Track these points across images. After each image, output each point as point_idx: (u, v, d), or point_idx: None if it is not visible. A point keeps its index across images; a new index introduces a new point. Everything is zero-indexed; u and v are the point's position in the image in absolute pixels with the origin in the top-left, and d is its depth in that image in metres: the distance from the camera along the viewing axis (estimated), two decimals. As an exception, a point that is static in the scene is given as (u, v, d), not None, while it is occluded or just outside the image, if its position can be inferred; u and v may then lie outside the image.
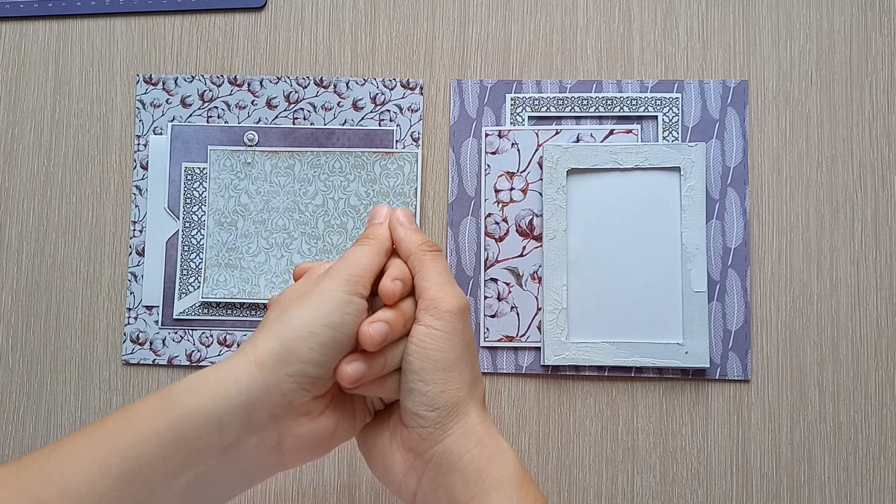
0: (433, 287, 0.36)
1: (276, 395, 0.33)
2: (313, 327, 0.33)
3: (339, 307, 0.34)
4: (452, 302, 0.36)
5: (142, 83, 0.55)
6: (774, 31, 0.54)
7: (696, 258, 0.51)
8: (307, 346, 0.33)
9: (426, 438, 0.35)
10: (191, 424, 0.31)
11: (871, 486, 0.50)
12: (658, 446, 0.51)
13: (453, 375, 0.35)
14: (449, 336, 0.35)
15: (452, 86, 0.54)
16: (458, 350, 0.36)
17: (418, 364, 0.35)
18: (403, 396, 0.36)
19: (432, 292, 0.36)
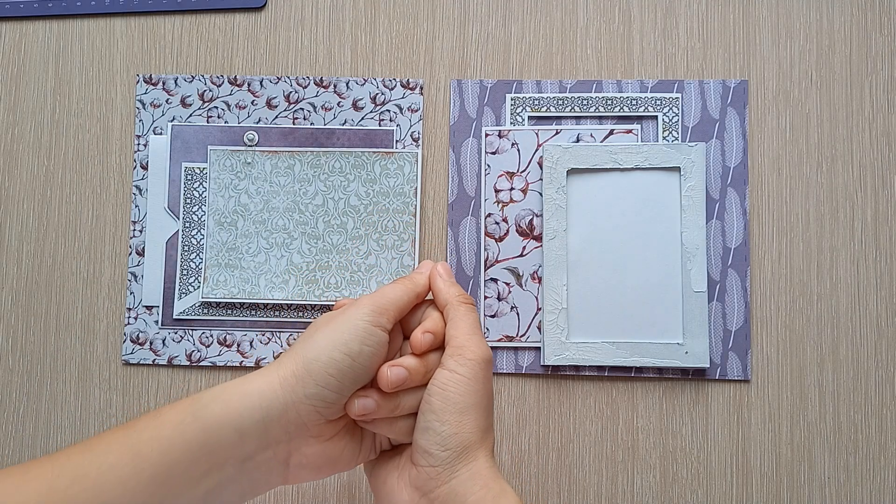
0: (461, 335, 0.38)
1: (293, 414, 0.35)
2: (333, 353, 0.35)
3: (358, 337, 0.36)
4: (477, 351, 0.38)
5: (142, 83, 0.55)
6: (774, 31, 0.54)
7: (696, 258, 0.51)
8: (325, 370, 0.35)
9: (434, 478, 0.36)
10: (216, 433, 0.33)
11: (871, 486, 0.50)
12: (658, 446, 0.51)
13: (468, 419, 0.37)
14: (470, 382, 0.37)
15: (452, 86, 0.54)
16: (477, 397, 0.37)
17: (438, 405, 0.37)
18: (418, 434, 0.38)
19: (460, 340, 0.38)
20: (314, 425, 0.36)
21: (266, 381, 0.35)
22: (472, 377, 0.37)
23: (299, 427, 0.35)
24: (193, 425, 0.33)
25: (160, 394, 0.53)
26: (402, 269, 0.53)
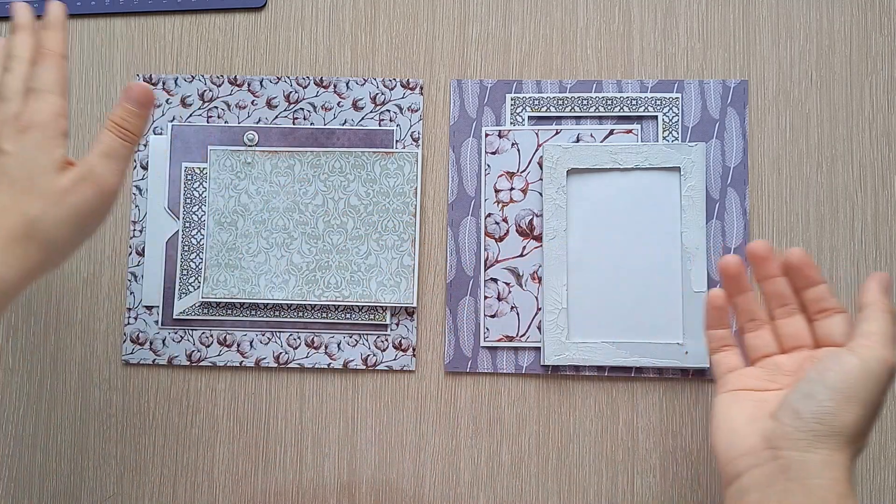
0: (879, 334, 0.37)
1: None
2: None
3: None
4: (890, 356, 0.37)
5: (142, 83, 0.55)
6: (774, 31, 0.54)
7: (696, 258, 0.51)
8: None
9: (792, 440, 0.36)
10: None
11: (871, 486, 0.50)
12: (658, 446, 0.51)
13: (852, 411, 0.36)
14: (872, 378, 0.36)
15: (452, 86, 0.54)
16: (871, 395, 0.36)
17: (834, 382, 0.36)
18: (797, 397, 0.37)
19: (878, 337, 0.37)
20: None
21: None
22: (876, 375, 0.36)
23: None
24: None
25: (160, 394, 0.53)
26: (402, 269, 0.53)
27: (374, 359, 0.53)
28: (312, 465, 0.52)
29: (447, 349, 0.52)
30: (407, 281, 0.52)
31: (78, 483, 0.53)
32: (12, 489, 0.53)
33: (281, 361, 0.53)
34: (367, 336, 0.53)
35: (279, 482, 0.52)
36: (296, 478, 0.52)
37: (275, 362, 0.53)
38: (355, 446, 0.52)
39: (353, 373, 0.53)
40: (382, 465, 0.52)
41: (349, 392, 0.53)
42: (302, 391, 0.53)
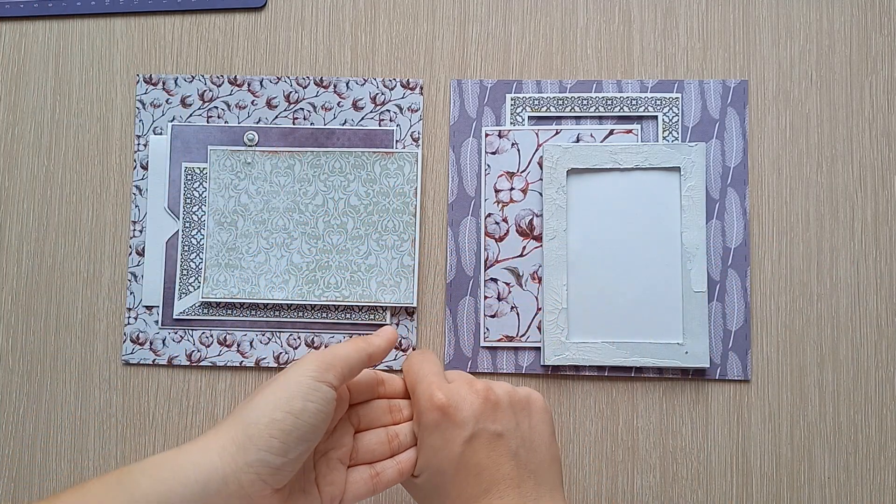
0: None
1: (234, 486, 0.32)
2: (274, 413, 0.32)
3: (301, 393, 0.33)
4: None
5: (142, 83, 0.55)
6: (774, 31, 0.54)
7: (696, 258, 0.51)
8: (267, 432, 0.32)
9: None
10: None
11: (871, 486, 0.50)
12: (658, 446, 0.51)
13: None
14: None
15: (452, 86, 0.54)
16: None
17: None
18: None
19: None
20: (259, 497, 0.32)
21: (202, 452, 0.32)
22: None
23: (243, 500, 0.32)
24: (118, 498, 0.30)
25: (160, 394, 0.53)
26: (402, 269, 0.53)
27: (374, 359, 0.53)
28: (312, 465, 0.52)
29: (447, 349, 0.52)
30: (407, 281, 0.52)
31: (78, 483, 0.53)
32: (12, 489, 0.53)
33: (281, 361, 0.53)
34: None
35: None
36: (296, 478, 0.52)
37: (275, 362, 0.53)
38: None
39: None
40: (382, 465, 0.52)
41: (349, 392, 0.53)
42: (302, 391, 0.53)
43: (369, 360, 0.38)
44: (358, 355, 0.37)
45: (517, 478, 0.36)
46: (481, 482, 0.36)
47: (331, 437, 0.38)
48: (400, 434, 0.40)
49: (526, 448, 0.37)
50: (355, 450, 0.39)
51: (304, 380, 0.34)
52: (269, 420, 0.32)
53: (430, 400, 0.37)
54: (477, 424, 0.36)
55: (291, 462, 0.33)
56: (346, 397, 0.39)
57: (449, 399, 0.37)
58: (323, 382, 0.34)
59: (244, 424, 0.32)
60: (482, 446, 0.36)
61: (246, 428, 0.32)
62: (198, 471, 0.31)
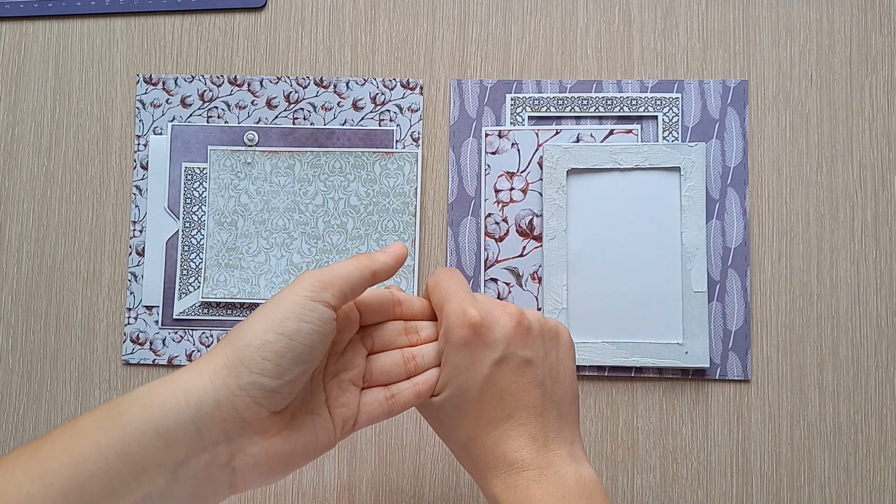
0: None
1: (228, 410, 0.31)
2: (266, 334, 0.31)
3: (295, 313, 0.31)
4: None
5: (142, 83, 0.55)
6: (774, 31, 0.54)
7: (696, 258, 0.51)
8: (259, 355, 0.31)
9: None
10: (137, 439, 0.29)
11: (871, 486, 0.50)
12: (658, 446, 0.51)
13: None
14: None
15: (452, 86, 0.54)
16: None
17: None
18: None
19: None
20: (256, 420, 0.31)
21: (193, 377, 0.31)
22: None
23: (239, 424, 0.31)
24: (110, 433, 0.29)
25: (160, 394, 0.53)
26: (403, 269, 0.53)
27: (374, 359, 0.53)
28: (312, 465, 0.52)
29: (447, 349, 0.52)
30: (407, 281, 0.52)
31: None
32: (12, 489, 0.53)
33: (281, 361, 0.53)
34: (367, 336, 0.53)
35: (279, 482, 0.52)
36: (296, 478, 0.52)
37: (275, 362, 0.53)
38: (355, 446, 0.52)
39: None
40: (382, 465, 0.52)
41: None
42: (302, 391, 0.53)
43: (373, 277, 0.36)
44: (360, 273, 0.35)
45: (541, 406, 0.36)
46: (504, 406, 0.35)
47: (341, 358, 0.36)
48: (417, 356, 0.37)
49: (552, 378, 0.37)
50: (369, 371, 0.37)
51: (299, 299, 0.32)
52: (262, 342, 0.31)
53: (462, 316, 0.36)
54: (508, 348, 0.35)
55: (288, 384, 0.31)
56: (354, 318, 0.37)
57: (483, 318, 0.35)
58: (319, 302, 0.32)
59: (236, 347, 0.31)
60: (511, 371, 0.35)
61: (237, 351, 0.31)
62: (189, 396, 0.30)
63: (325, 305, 0.32)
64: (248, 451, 0.32)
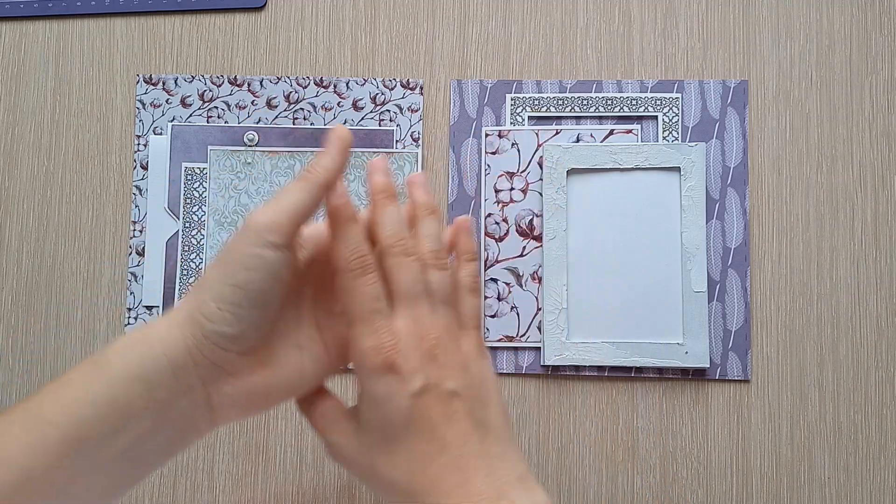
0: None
1: (198, 356, 0.32)
2: (220, 287, 0.32)
3: (242, 261, 0.31)
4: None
5: (142, 83, 0.55)
6: (774, 31, 0.54)
7: (696, 258, 0.51)
8: (215, 306, 0.31)
9: None
10: (123, 387, 0.31)
11: (871, 486, 0.50)
12: (658, 446, 0.51)
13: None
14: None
15: (452, 86, 0.54)
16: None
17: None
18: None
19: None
20: (227, 363, 0.32)
21: (167, 326, 0.32)
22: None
23: (210, 368, 0.32)
24: (97, 382, 0.31)
25: (160, 394, 0.53)
26: (402, 269, 0.52)
27: (374, 359, 0.53)
28: (312, 465, 0.52)
29: (447, 349, 0.52)
30: (407, 281, 0.52)
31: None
32: (12, 489, 0.53)
33: (281, 361, 0.53)
34: (367, 336, 0.53)
35: (279, 482, 0.52)
36: (296, 478, 0.52)
37: (275, 362, 0.53)
38: (355, 446, 0.52)
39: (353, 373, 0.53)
40: (382, 465, 0.52)
41: (349, 392, 0.53)
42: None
43: (321, 190, 0.34)
44: (305, 195, 0.33)
45: (477, 434, 0.33)
46: (436, 438, 0.33)
47: (323, 290, 0.36)
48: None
49: (482, 405, 0.34)
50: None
51: (243, 248, 0.32)
52: (216, 294, 0.32)
53: (376, 348, 0.33)
54: (427, 379, 0.33)
55: (249, 328, 0.32)
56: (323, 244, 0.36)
57: (397, 347, 0.33)
58: (266, 247, 0.31)
59: (196, 301, 0.32)
60: (434, 402, 0.33)
61: (198, 304, 0.32)
62: (165, 345, 0.31)
63: (272, 249, 0.32)
64: (224, 392, 0.33)
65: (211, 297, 0.32)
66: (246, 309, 0.32)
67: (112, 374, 0.31)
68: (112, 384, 0.31)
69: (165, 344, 0.32)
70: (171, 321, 0.32)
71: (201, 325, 0.32)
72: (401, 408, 0.33)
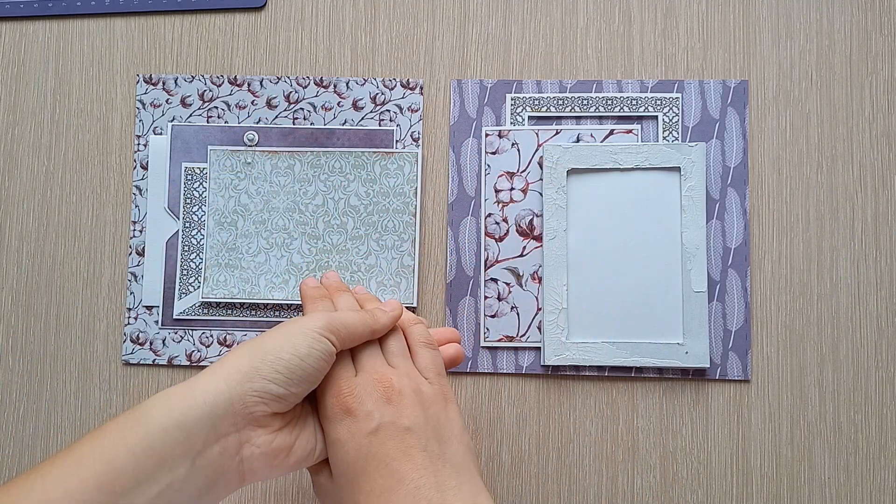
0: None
1: (239, 406, 0.35)
2: (281, 352, 0.36)
3: (307, 341, 0.37)
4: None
5: (142, 83, 0.55)
6: (774, 31, 0.54)
7: (696, 258, 0.51)
8: (273, 367, 0.36)
9: None
10: (160, 435, 0.33)
11: (871, 486, 0.50)
12: (658, 446, 0.51)
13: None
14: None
15: (452, 86, 0.54)
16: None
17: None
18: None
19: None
20: (262, 415, 0.36)
21: (208, 380, 0.36)
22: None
23: (246, 417, 0.36)
24: (135, 430, 0.33)
25: (160, 394, 0.53)
26: (402, 269, 0.53)
27: (374, 359, 0.53)
28: (312, 465, 0.52)
29: (447, 349, 0.52)
30: (407, 281, 0.52)
31: (78, 483, 0.53)
32: (12, 489, 0.53)
33: (281, 361, 0.53)
34: (367, 336, 0.53)
35: (279, 482, 0.52)
36: (296, 478, 0.52)
37: (275, 362, 0.53)
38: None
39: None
40: (382, 465, 0.52)
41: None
42: (302, 391, 0.53)
43: (371, 335, 0.41)
44: (363, 329, 0.40)
45: (431, 467, 0.37)
46: (392, 473, 0.36)
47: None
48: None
49: (438, 440, 0.38)
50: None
51: (311, 332, 0.37)
52: (275, 357, 0.36)
53: (336, 395, 0.38)
54: (382, 418, 0.37)
55: (291, 395, 0.37)
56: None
57: (354, 392, 0.38)
58: (327, 339, 0.38)
59: (252, 358, 0.36)
60: (389, 438, 0.37)
61: (252, 361, 0.36)
62: (206, 397, 0.35)
63: (330, 342, 0.38)
64: (255, 442, 0.36)
65: (269, 360, 0.36)
66: (297, 378, 0.37)
67: (150, 424, 0.34)
68: (149, 434, 0.33)
69: (207, 394, 0.35)
70: (217, 374, 0.36)
71: (253, 379, 0.36)
72: (360, 446, 0.37)
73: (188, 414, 0.34)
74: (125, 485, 0.32)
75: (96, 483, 0.32)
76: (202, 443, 0.34)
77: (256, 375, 0.36)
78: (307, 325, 0.38)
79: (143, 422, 0.34)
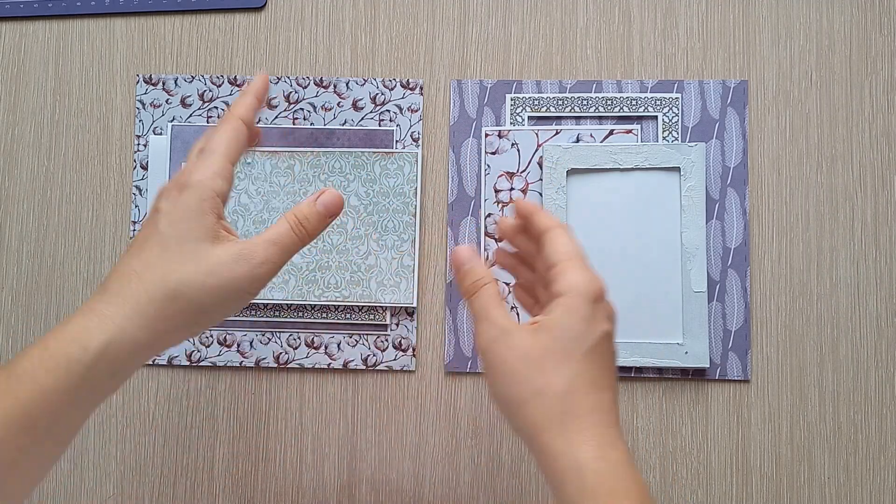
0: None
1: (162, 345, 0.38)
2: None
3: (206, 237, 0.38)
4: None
5: (142, 83, 0.55)
6: (774, 31, 0.54)
7: (696, 258, 0.51)
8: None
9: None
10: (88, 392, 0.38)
11: (871, 486, 0.50)
12: (658, 446, 0.51)
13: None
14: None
15: (452, 86, 0.54)
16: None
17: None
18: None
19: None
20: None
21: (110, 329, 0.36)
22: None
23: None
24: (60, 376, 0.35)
25: (160, 394, 0.53)
26: (402, 269, 0.53)
27: (374, 359, 0.53)
28: (312, 465, 0.52)
29: (447, 349, 0.52)
30: (407, 281, 0.52)
31: (78, 483, 0.53)
32: (12, 489, 0.53)
33: (281, 361, 0.53)
34: (367, 336, 0.53)
35: (279, 482, 0.52)
36: (296, 478, 0.52)
37: (275, 362, 0.53)
38: (355, 446, 0.52)
39: (353, 373, 0.53)
40: (382, 465, 0.52)
41: (349, 392, 0.53)
42: (302, 391, 0.53)
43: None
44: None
45: (616, 390, 0.37)
46: (605, 377, 0.36)
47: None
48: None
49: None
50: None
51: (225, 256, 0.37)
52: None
53: (597, 283, 0.38)
54: (614, 326, 0.38)
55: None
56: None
57: (605, 292, 0.38)
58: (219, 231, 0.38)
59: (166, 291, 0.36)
60: (612, 348, 0.38)
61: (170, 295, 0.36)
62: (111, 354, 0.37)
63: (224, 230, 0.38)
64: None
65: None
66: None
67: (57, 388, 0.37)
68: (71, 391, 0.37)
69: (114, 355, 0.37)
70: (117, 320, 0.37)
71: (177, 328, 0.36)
72: (595, 332, 0.36)
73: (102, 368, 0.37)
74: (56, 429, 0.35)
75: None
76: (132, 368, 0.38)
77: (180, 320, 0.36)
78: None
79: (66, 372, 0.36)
